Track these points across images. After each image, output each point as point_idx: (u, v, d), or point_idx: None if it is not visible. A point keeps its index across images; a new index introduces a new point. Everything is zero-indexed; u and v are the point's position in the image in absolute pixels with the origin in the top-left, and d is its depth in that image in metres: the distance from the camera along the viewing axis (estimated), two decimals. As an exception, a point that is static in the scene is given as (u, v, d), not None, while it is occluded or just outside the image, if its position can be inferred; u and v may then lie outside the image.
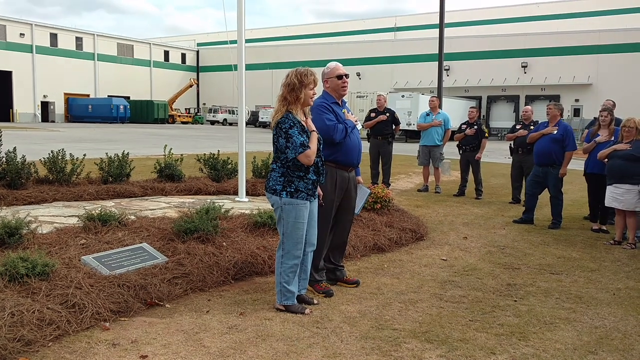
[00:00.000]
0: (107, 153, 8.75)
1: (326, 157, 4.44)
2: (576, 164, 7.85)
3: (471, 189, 10.69)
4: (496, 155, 21.16)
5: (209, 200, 6.12)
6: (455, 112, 30.59)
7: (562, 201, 7.91)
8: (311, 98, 4.11)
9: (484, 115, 46.05)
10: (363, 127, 10.17)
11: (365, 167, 10.35)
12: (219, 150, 9.92)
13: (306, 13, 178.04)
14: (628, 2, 55.93)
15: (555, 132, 7.78)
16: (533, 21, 59.47)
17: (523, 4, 63.45)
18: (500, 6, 64.61)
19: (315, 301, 4.35)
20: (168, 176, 8.91)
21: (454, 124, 12.71)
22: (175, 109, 59.57)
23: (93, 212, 5.44)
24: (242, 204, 7.86)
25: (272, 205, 4.14)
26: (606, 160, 6.94)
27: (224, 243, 5.10)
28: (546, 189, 8.01)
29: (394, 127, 10.98)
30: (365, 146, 7.10)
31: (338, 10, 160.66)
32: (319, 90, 4.23)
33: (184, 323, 3.83)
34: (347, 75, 4.61)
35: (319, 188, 4.27)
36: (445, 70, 37.72)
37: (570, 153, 7.76)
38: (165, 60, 64.23)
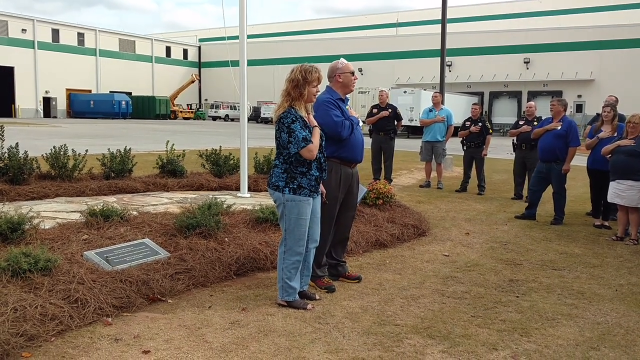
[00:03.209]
0: (109, 149, 8.76)
1: (330, 154, 4.44)
2: (579, 160, 7.84)
3: (473, 185, 10.68)
4: (498, 151, 21.12)
5: (211, 196, 6.12)
6: (458, 108, 30.54)
7: (565, 197, 7.89)
8: (314, 95, 4.10)
9: (486, 111, 45.94)
10: (365, 123, 10.17)
11: (367, 163, 10.34)
12: (220, 146, 9.92)
13: (305, 9, 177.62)
14: (631, -3, 55.73)
15: (560, 127, 7.77)
16: (535, 17, 59.26)
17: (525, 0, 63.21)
18: (503, 2, 64.34)
19: (317, 297, 4.35)
20: (170, 172, 8.93)
21: (457, 120, 12.71)
22: (177, 105, 59.58)
23: (95, 207, 5.44)
24: (244, 199, 7.87)
25: (275, 202, 4.14)
26: (609, 156, 6.93)
27: (226, 239, 5.10)
28: (549, 184, 8.00)
29: (396, 123, 10.98)
30: (367, 142, 7.09)
31: (337, 7, 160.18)
32: (322, 86, 4.23)
33: (186, 318, 3.83)
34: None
35: (321, 185, 4.27)
36: (447, 66, 37.66)
37: (573, 149, 7.74)
38: (167, 56, 64.22)
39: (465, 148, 10.85)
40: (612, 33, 42.87)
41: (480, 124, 10.62)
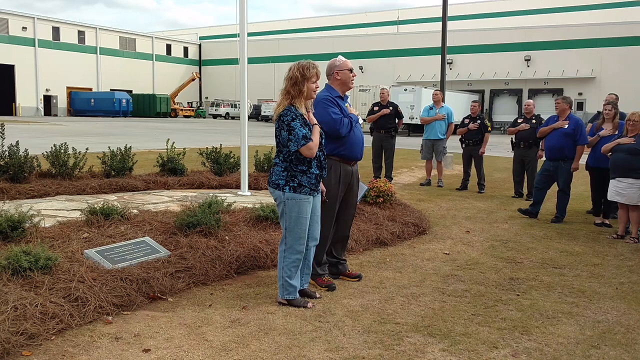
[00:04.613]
0: (109, 147, 8.76)
1: (330, 152, 4.43)
2: (581, 158, 7.82)
3: (474, 183, 10.67)
4: (499, 149, 21.12)
5: (211, 194, 6.12)
6: (459, 106, 30.54)
7: (569, 196, 7.87)
8: (314, 91, 4.10)
9: (486, 109, 45.95)
10: (365, 121, 10.17)
11: (368, 161, 10.34)
12: (221, 144, 9.92)
13: (305, 7, 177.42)
14: (632, -5, 55.64)
15: (566, 126, 7.75)
16: (536, 14, 59.20)
17: (527, -3, 63.16)
18: (504, -1, 64.35)
19: (318, 295, 4.34)
20: (170, 170, 8.92)
21: (457, 118, 12.70)
22: (177, 103, 59.58)
23: (96, 205, 5.44)
24: (245, 197, 7.87)
25: (275, 200, 4.13)
26: (610, 154, 6.92)
27: (227, 237, 5.10)
28: (554, 183, 7.98)
29: (396, 120, 10.98)
30: (368, 140, 7.08)
31: (337, 5, 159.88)
32: (321, 83, 4.22)
33: (186, 317, 3.83)
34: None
35: (322, 184, 4.27)
36: (448, 63, 37.60)
37: (582, 147, 7.71)
38: (167, 54, 64.18)
39: (464, 146, 10.84)
40: (613, 30, 42.81)
41: (479, 121, 10.61)
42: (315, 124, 4.07)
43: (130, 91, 56.67)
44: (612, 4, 56.35)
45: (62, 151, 7.86)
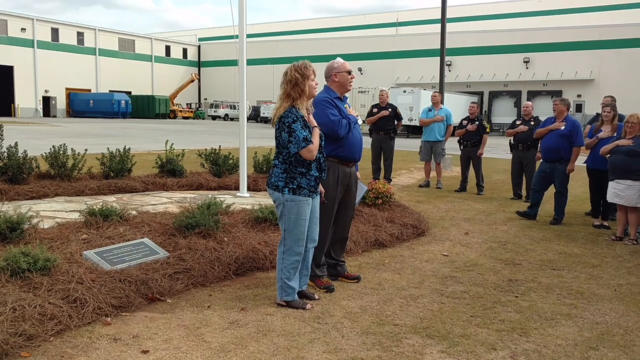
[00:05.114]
0: (108, 148, 8.75)
1: (328, 153, 4.44)
2: (578, 160, 7.84)
3: (472, 184, 10.68)
4: (497, 150, 21.14)
5: (210, 196, 6.11)
6: (457, 108, 30.55)
7: (567, 198, 7.88)
8: (315, 89, 4.10)
9: (485, 111, 46.00)
10: (365, 122, 10.17)
11: (367, 162, 10.35)
12: (220, 146, 9.91)
13: (304, 8, 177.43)
14: (631, -3, 55.74)
15: (563, 127, 7.76)
16: (535, 16, 59.29)
17: (525, -1, 63.24)
18: (503, 1, 64.37)
19: (317, 296, 4.35)
20: (169, 171, 8.92)
21: (456, 120, 12.73)
22: (176, 104, 59.57)
23: (94, 207, 5.44)
24: (244, 199, 7.86)
25: (274, 202, 4.14)
26: (608, 155, 6.93)
27: (225, 238, 5.10)
28: (552, 184, 7.99)
29: (396, 122, 10.99)
30: (367, 141, 7.09)
31: (336, 6, 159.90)
32: (320, 85, 4.22)
33: (185, 318, 3.83)
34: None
35: (320, 185, 4.27)
36: (447, 65, 37.67)
37: (578, 149, 7.73)
38: (166, 55, 64.19)
39: (462, 147, 10.85)
40: (611, 33, 42.86)
41: (477, 122, 10.61)
42: (315, 126, 4.07)
43: (129, 92, 56.65)
44: (611, 6, 56.44)
45: (61, 152, 7.85)
